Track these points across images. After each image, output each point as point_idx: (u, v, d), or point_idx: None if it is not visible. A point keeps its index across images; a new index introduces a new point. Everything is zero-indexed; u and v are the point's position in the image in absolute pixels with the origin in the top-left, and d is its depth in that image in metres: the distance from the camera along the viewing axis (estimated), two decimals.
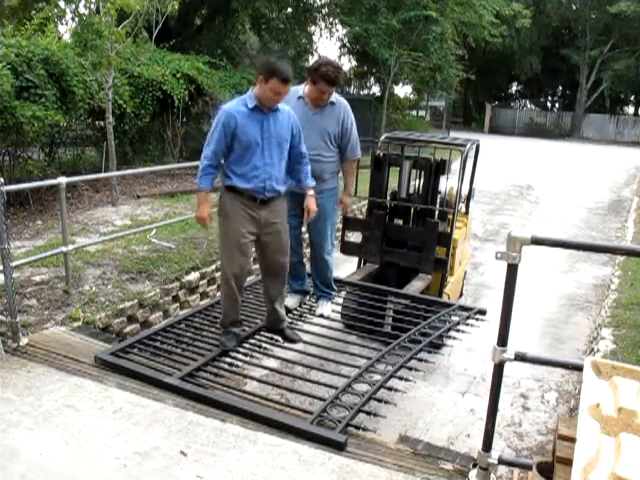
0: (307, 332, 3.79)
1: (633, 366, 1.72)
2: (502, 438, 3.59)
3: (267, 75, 3.00)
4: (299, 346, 3.61)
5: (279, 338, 3.57)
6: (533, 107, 33.41)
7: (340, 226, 5.12)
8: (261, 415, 2.75)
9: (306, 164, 3.36)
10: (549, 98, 34.32)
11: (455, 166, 5.08)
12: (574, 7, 27.16)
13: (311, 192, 3.37)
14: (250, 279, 4.61)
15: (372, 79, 23.19)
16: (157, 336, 3.55)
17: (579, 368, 1.91)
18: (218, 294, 3.95)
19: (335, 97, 3.72)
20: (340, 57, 20.67)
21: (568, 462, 1.94)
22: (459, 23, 16.33)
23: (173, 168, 8.14)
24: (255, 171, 3.12)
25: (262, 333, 3.62)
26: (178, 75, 9.75)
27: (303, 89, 3.70)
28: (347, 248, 5.11)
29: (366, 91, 23.77)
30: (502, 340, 2.17)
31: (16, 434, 2.53)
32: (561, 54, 27.56)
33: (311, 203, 3.36)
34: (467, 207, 5.73)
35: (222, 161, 3.17)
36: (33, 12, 10.31)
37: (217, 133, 3.07)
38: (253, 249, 3.38)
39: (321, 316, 4.02)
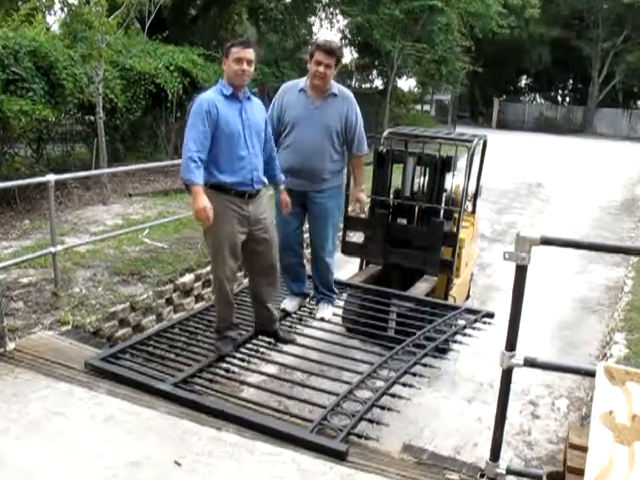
0: (307, 336, 3.79)
1: None
2: (511, 447, 3.59)
3: (227, 51, 3.07)
4: (298, 351, 3.62)
5: (272, 340, 3.60)
6: (543, 101, 33.42)
7: (342, 226, 5.11)
8: (259, 423, 2.75)
9: (276, 159, 3.40)
10: (559, 92, 34.33)
11: (461, 163, 5.08)
12: None
13: (283, 187, 3.49)
14: (246, 281, 4.60)
15: (375, 72, 23.20)
16: (150, 341, 3.55)
17: (591, 374, 1.92)
18: (213, 297, 3.93)
19: (338, 88, 3.71)
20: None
21: (580, 472, 1.94)
22: (465, 13, 16.33)
23: (166, 165, 8.11)
24: (241, 162, 3.11)
25: (260, 337, 3.63)
26: (172, 68, 9.75)
27: (305, 82, 3.70)
28: (348, 249, 5.11)
29: (368, 85, 23.77)
30: (511, 345, 2.17)
31: (3, 442, 2.53)
32: (572, 46, 27.56)
33: (285, 198, 3.47)
34: (474, 206, 5.73)
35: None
36: (20, 2, 10.31)
37: (200, 123, 2.98)
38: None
39: (322, 320, 4.02)
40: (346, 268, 5.65)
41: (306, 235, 4.08)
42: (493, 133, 18.59)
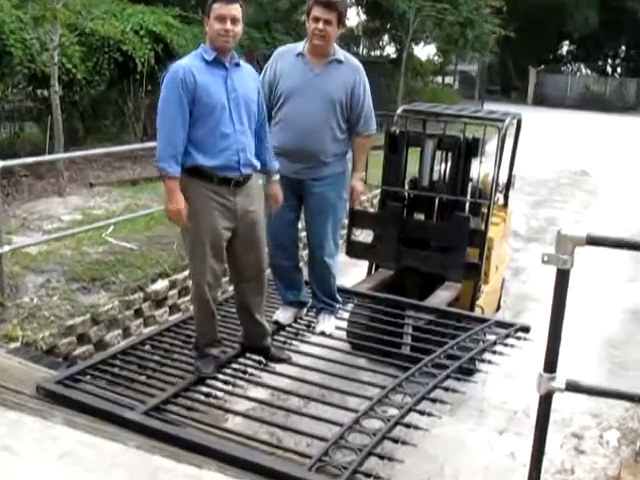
0: (304, 354, 3.79)
1: None
2: None
3: (208, 8, 3.07)
4: (294, 372, 3.60)
5: (263, 359, 3.60)
6: (589, 72, 33.46)
7: (346, 222, 5.15)
8: (246, 459, 2.74)
9: (268, 141, 3.40)
10: (609, 61, 34.35)
11: (491, 147, 5.10)
12: None
13: (276, 177, 3.47)
14: (230, 289, 4.60)
15: (386, 37, 23.21)
16: (115, 360, 3.56)
17: None
18: (191, 307, 3.98)
19: (344, 55, 3.73)
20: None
21: None
22: None
23: (135, 149, 8.13)
24: (224, 140, 3.09)
25: (248, 355, 3.65)
26: (141, 32, 9.76)
27: (303, 45, 3.71)
28: (354, 249, 5.13)
29: (378, 52, 23.79)
30: (550, 365, 2.17)
31: None
32: (624, 6, 27.54)
33: (276, 190, 3.46)
34: (506, 198, 5.76)
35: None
36: None
37: (176, 96, 2.99)
38: None
39: (322, 334, 4.03)
40: (351, 273, 5.66)
41: (303, 233, 4.11)
42: (529, 111, 18.56)
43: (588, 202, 10.91)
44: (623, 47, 33.07)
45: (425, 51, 26.82)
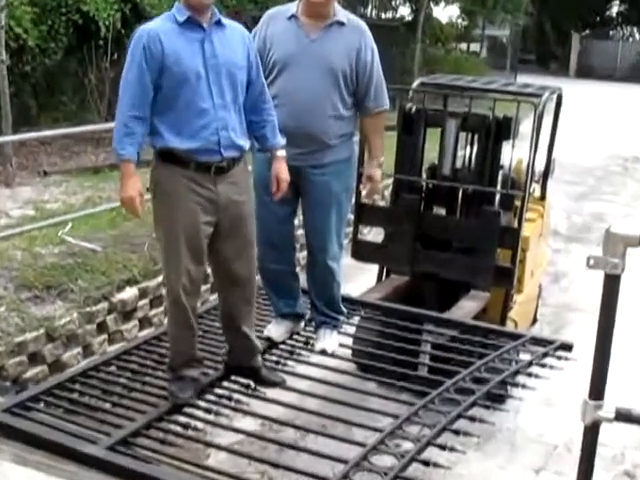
0: (302, 377, 3.79)
1: None
2: None
3: None
4: (290, 398, 3.59)
5: (251, 382, 3.59)
6: None
7: (352, 218, 5.13)
8: None
9: (271, 112, 3.39)
10: None
11: (525, 127, 5.09)
12: None
13: (282, 153, 3.44)
14: (212, 298, 4.64)
15: None
16: (75, 384, 3.54)
17: None
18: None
19: (347, 16, 3.74)
20: None
21: None
22: None
23: (98, 130, 8.11)
24: (201, 118, 3.09)
25: (233, 378, 3.65)
26: None
27: (297, 5, 3.73)
28: (362, 251, 5.12)
29: (390, 14, 23.78)
30: (597, 390, 2.17)
31: None
32: None
33: (282, 169, 3.42)
34: (543, 189, 5.77)
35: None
36: None
37: (136, 67, 3.02)
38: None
39: (323, 353, 4.03)
40: (358, 279, 5.62)
41: (300, 231, 4.12)
42: (571, 84, 18.56)
43: None
44: None
45: (446, 12, 26.74)
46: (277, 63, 3.67)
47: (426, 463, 3.07)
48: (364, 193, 4.33)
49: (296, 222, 4.08)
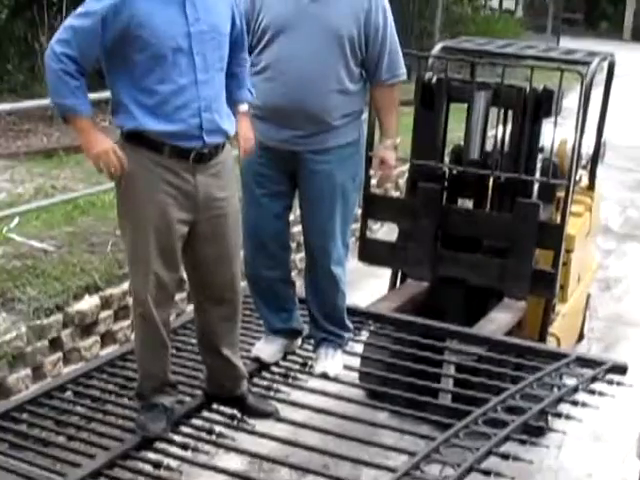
0: (299, 406, 3.77)
1: None
2: None
3: None
4: (284, 432, 3.59)
5: (237, 412, 3.58)
6: None
7: (359, 212, 5.12)
8: None
9: (246, 66, 3.46)
10: None
11: (570, 102, 5.09)
12: None
13: (245, 108, 3.47)
14: (189, 309, 4.65)
15: None
16: (22, 413, 3.52)
17: None
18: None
19: None
20: None
21: None
22: None
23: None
24: (179, 96, 3.09)
25: (215, 407, 3.64)
26: None
27: None
28: (371, 252, 5.12)
29: None
30: None
31: None
32: None
33: (246, 128, 3.44)
34: (592, 177, 5.71)
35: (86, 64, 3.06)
36: None
37: (90, 18, 2.97)
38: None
39: (324, 377, 4.01)
40: (366, 286, 5.65)
41: (296, 229, 4.15)
42: (625, 49, 18.56)
43: None
44: None
45: None
46: (269, 28, 3.67)
47: None
48: (375, 180, 4.34)
49: (291, 217, 4.08)
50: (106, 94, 3.34)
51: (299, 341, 4.20)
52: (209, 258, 3.32)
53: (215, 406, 3.63)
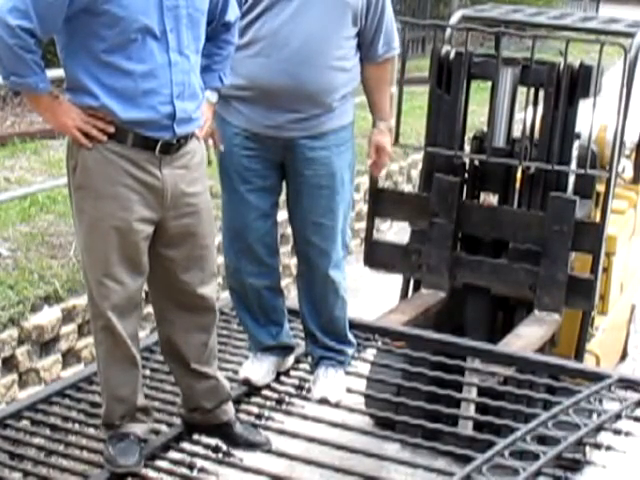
0: (294, 436, 3.73)
1: None
2: None
3: None
4: (278, 466, 3.60)
5: (221, 443, 3.56)
6: None
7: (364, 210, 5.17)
8: None
9: (224, 51, 3.44)
10: None
11: (611, 80, 4.98)
12: None
13: (214, 98, 3.50)
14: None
15: None
16: None
17: None
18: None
19: None
20: None
21: None
22: None
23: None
24: (150, 79, 3.05)
25: (196, 438, 3.63)
26: None
27: None
28: (379, 256, 5.09)
29: None
30: None
31: None
32: None
33: (209, 110, 3.48)
34: (637, 168, 5.58)
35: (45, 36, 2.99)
36: None
37: None
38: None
39: (324, 402, 3.96)
40: (373, 295, 5.80)
41: (288, 230, 4.10)
42: None
43: None
44: None
45: None
46: None
47: None
48: (369, 166, 4.31)
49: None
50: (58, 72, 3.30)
51: (291, 358, 4.18)
52: (177, 260, 3.30)
53: (197, 436, 3.62)
